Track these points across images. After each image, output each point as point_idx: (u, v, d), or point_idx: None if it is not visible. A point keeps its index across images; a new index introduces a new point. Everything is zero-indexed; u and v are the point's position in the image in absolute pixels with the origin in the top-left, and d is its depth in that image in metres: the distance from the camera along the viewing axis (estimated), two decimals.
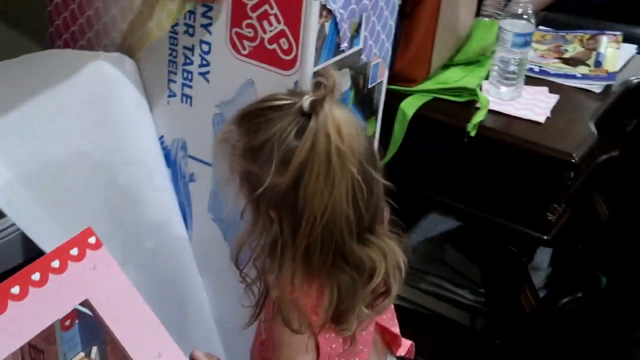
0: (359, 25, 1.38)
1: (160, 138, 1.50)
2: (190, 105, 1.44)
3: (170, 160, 1.50)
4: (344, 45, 1.36)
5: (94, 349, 1.27)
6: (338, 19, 1.31)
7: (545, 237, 1.61)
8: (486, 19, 1.91)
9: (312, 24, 1.27)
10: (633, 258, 2.40)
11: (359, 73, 1.43)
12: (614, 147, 1.86)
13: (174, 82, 1.45)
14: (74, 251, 1.09)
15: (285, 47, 1.30)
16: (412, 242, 2.10)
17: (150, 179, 1.47)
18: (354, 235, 1.06)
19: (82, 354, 1.36)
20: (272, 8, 1.29)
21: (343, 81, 1.39)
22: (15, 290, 1.01)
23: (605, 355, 2.08)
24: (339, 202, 1.02)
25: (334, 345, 1.14)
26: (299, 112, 1.03)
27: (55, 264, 1.07)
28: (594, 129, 1.62)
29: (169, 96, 1.46)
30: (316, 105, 1.02)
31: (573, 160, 1.53)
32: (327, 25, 1.30)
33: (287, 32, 1.29)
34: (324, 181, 1.01)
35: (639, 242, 2.41)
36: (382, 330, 1.29)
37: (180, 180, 1.51)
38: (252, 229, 1.11)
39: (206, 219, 1.50)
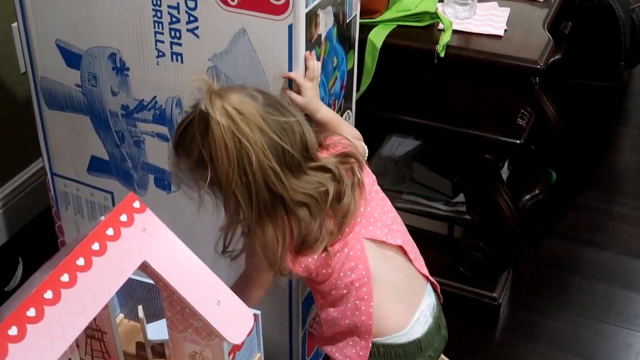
0: None
1: (153, 98, 1.52)
2: (182, 62, 1.46)
3: (166, 118, 1.53)
4: None
5: (140, 308, 1.32)
6: None
7: (518, 142, 1.72)
8: None
9: None
10: (578, 152, 2.59)
11: (339, 9, 1.49)
12: (559, 51, 1.99)
13: (162, 42, 1.46)
14: (123, 217, 1.13)
15: None
16: (380, 165, 2.18)
17: None
18: (288, 175, 1.21)
19: (121, 315, 1.41)
20: None
21: (328, 19, 1.45)
22: (81, 262, 1.05)
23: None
24: (257, 156, 1.17)
25: (303, 266, 1.29)
26: (202, 114, 1.19)
27: (110, 232, 1.11)
28: (549, 35, 1.72)
29: (158, 57, 1.48)
30: (206, 100, 1.18)
31: (539, 67, 1.61)
32: None
33: None
34: (239, 144, 1.17)
35: (582, 137, 2.61)
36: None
37: None
38: (230, 214, 1.26)
39: None
